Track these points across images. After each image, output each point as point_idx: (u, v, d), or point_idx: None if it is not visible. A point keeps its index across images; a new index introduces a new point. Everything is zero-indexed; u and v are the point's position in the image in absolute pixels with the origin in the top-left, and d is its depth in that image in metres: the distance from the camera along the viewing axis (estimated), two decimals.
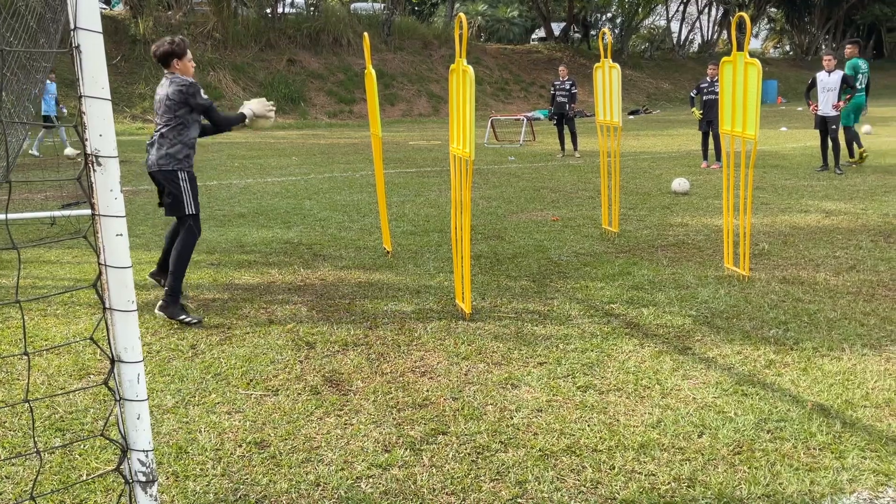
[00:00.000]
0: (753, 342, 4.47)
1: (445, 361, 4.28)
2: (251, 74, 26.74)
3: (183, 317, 4.98)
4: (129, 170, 13.29)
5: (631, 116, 27.66)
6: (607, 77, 7.21)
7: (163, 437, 3.41)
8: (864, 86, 12.08)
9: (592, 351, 4.39)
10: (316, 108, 26.19)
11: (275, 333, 4.78)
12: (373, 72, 6.44)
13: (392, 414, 3.62)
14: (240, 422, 3.56)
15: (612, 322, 4.90)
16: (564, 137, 15.44)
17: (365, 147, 17.64)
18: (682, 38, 42.09)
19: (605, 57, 7.18)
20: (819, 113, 11.62)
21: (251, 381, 4.04)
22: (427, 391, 3.88)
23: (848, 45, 12.86)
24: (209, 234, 7.78)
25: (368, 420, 3.55)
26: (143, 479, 2.12)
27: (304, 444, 3.32)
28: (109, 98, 1.94)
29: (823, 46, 44.28)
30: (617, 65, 7.07)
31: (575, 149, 15.15)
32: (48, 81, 15.84)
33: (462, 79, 4.72)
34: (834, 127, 11.47)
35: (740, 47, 5.48)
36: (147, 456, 2.11)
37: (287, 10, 30.32)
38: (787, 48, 50.12)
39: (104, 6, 30.74)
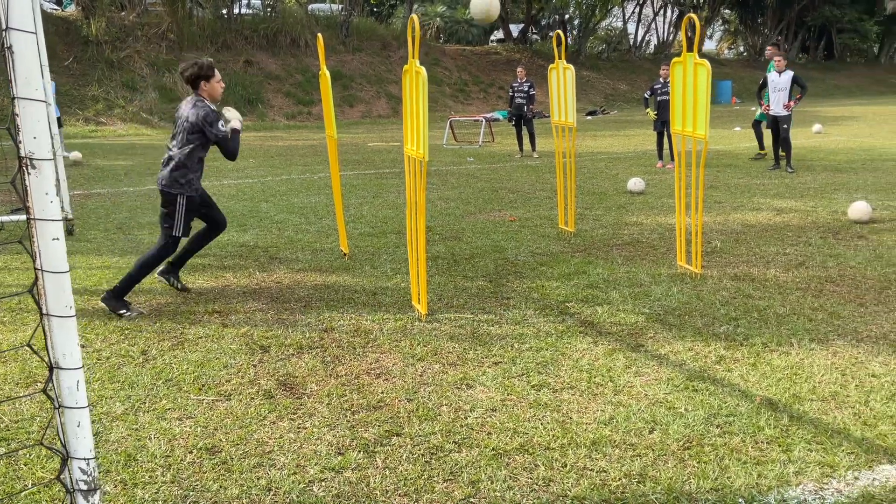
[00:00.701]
0: (704, 338, 4.54)
1: (401, 363, 4.27)
2: None
3: (123, 311, 5.12)
4: (81, 173, 13.04)
5: (589, 117, 27.90)
6: (561, 78, 7.26)
7: (111, 445, 3.35)
8: (758, 86, 12.76)
9: (547, 350, 4.42)
10: (274, 110, 25.94)
11: (228, 338, 4.73)
12: (327, 73, 6.40)
13: (346, 416, 3.60)
14: (191, 428, 3.51)
15: (566, 321, 4.94)
16: (523, 138, 15.51)
17: (323, 149, 17.52)
18: (639, 39, 42.61)
19: (560, 58, 7.23)
20: (770, 112, 11.84)
21: (203, 386, 3.98)
22: (382, 393, 3.86)
23: (769, 47, 13.29)
24: None
25: (322, 423, 3.53)
26: (84, 487, 2.08)
27: (256, 448, 3.29)
28: (44, 100, 1.89)
29: (778, 47, 45.12)
30: (571, 66, 7.12)
31: (533, 149, 15.23)
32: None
33: (415, 80, 4.72)
34: (785, 126, 11.71)
35: (690, 48, 5.56)
36: (88, 464, 2.07)
37: (243, 10, 30.01)
38: (741, 49, 51.04)
39: (55, 7, 30.11)
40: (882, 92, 40.96)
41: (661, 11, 42.03)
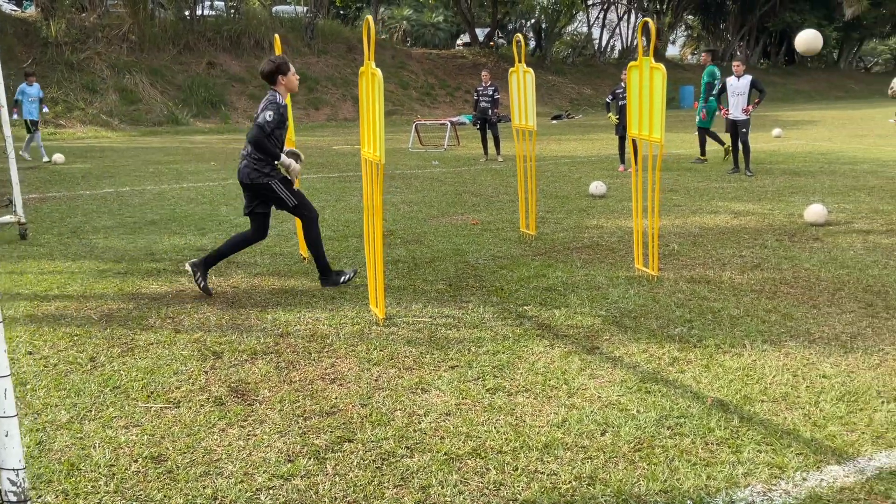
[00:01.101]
0: (659, 340, 4.56)
1: (356, 368, 4.23)
2: (169, 78, 26.07)
3: (342, 278, 5.78)
4: (37, 176, 12.79)
5: (554, 121, 28.05)
6: (522, 82, 7.28)
7: (54, 454, 3.27)
8: (718, 89, 13.12)
9: (504, 353, 4.41)
10: (237, 112, 25.70)
11: (180, 343, 4.64)
12: None
13: (298, 423, 3.55)
14: (137, 436, 3.43)
15: (524, 324, 4.93)
16: (488, 142, 15.54)
17: None
18: (604, 44, 42.99)
19: (520, 62, 7.25)
20: (729, 117, 12.00)
21: (152, 393, 3.91)
22: (336, 398, 3.82)
23: (703, 54, 13.63)
24: (117, 243, 7.53)
25: (273, 430, 3.47)
26: (13, 499, 2.01)
27: (203, 457, 3.23)
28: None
29: (738, 52, 45.80)
30: (531, 69, 7.14)
31: (498, 153, 15.26)
32: (27, 84, 15.22)
33: (371, 82, 4.68)
34: (744, 130, 11.87)
35: (647, 52, 5.60)
36: (18, 475, 2.01)
37: (206, 12, 29.69)
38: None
39: (15, 8, 29.54)
40: (840, 97, 41.80)
41: (626, 17, 42.46)
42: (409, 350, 4.48)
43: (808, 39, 7.62)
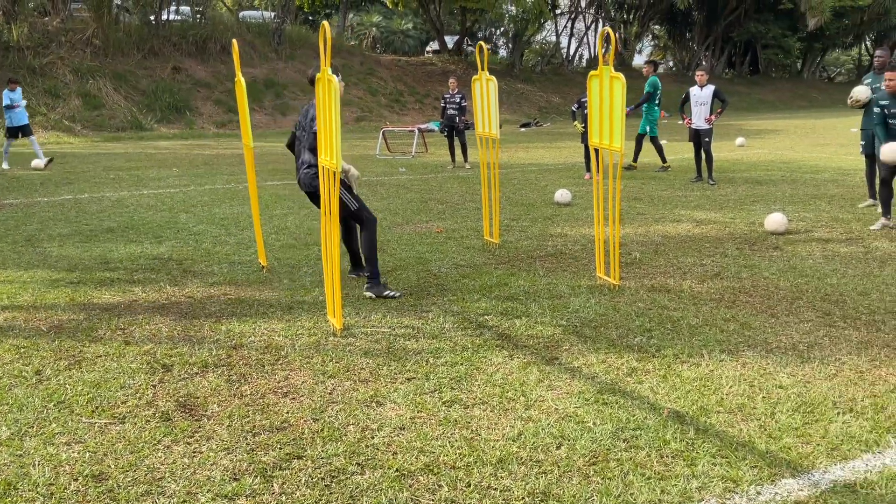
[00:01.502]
0: (618, 350, 4.53)
1: (311, 380, 4.13)
2: (133, 83, 25.69)
3: (387, 292, 5.73)
4: None
5: (522, 129, 28.13)
6: (485, 89, 7.24)
7: None
8: (658, 100, 13.76)
9: (462, 364, 4.35)
10: (203, 118, 25.38)
11: (130, 356, 4.52)
12: (242, 81, 6.23)
13: (246, 439, 3.45)
14: (79, 453, 3.31)
15: (484, 334, 4.88)
16: (455, 149, 15.51)
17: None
18: (572, 53, 43.26)
19: (482, 69, 7.21)
20: (692, 126, 12.09)
21: (97, 408, 3.78)
22: (287, 413, 3.72)
23: (644, 66, 13.91)
24: (72, 251, 7.35)
25: (220, 447, 3.37)
26: None
27: (146, 475, 3.12)
28: None
29: (703, 62, 46.42)
30: (493, 77, 7.10)
31: (465, 160, 15.24)
32: (9, 91, 14.91)
33: (327, 88, 4.61)
34: (707, 140, 11.96)
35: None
36: None
37: (172, 17, 29.33)
38: (671, 64, 52.29)
39: None
40: (804, 106, 42.47)
41: (593, 26, 42.78)
42: (366, 361, 4.40)
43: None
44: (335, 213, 4.80)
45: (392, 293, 5.76)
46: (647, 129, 13.94)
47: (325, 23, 4.55)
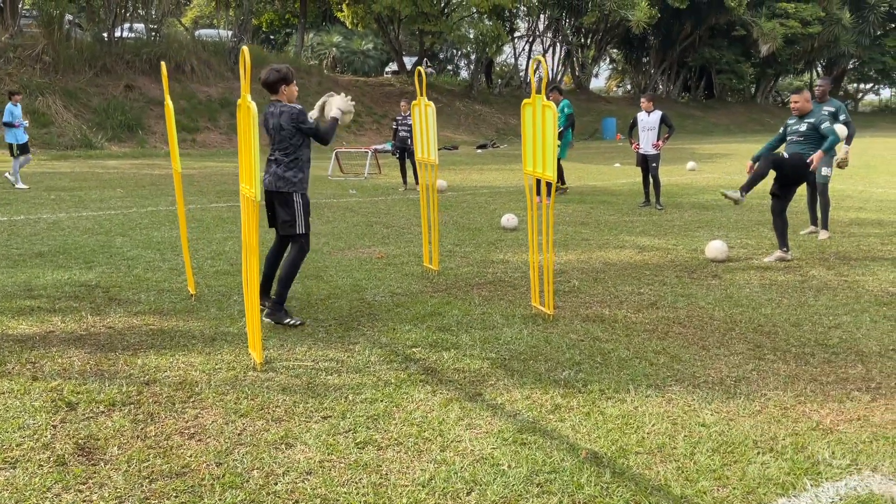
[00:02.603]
0: (544, 385, 4.43)
1: (221, 420, 3.96)
2: (84, 100, 25.23)
3: (287, 320, 5.53)
4: None
5: (479, 150, 28.20)
6: (423, 115, 7.16)
7: None
8: (571, 122, 13.54)
9: (382, 401, 4.20)
10: (155, 137, 24.99)
11: (35, 392, 4.29)
12: (171, 104, 6.07)
13: (142, 486, 3.26)
14: None
15: (409, 368, 4.74)
16: (406, 171, 15.44)
17: (201, 178, 16.95)
18: (529, 75, 43.61)
19: (421, 94, 7.13)
20: (640, 151, 12.15)
21: None
22: (190, 456, 3.54)
23: (551, 93, 13.98)
24: None
25: (112, 495, 3.18)
26: None
27: None
28: None
29: (660, 86, 47.15)
30: (431, 103, 7.02)
31: (416, 182, 15.15)
32: (12, 104, 14.38)
33: (246, 115, 4.47)
34: (654, 165, 12.02)
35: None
36: None
37: (126, 34, 28.92)
38: (629, 87, 53.04)
39: None
40: (757, 130, 43.29)
41: (551, 49, 43.23)
42: (283, 399, 4.23)
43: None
44: (254, 246, 4.64)
45: (293, 321, 5.57)
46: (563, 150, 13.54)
47: (245, 48, 4.41)
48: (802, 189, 9.06)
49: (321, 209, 11.96)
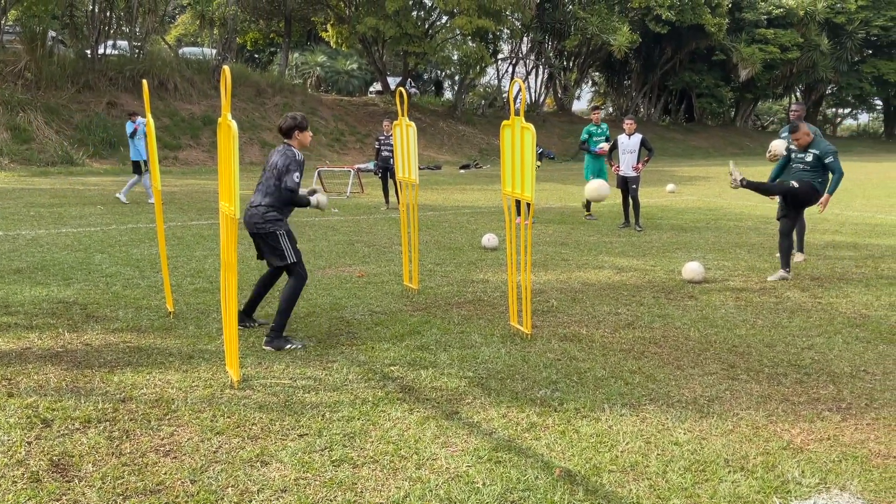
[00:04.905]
0: (520, 404, 4.46)
1: (196, 437, 3.95)
2: (66, 117, 25.11)
3: (288, 345, 5.48)
4: None
5: (462, 171, 28.32)
6: (405, 135, 7.22)
7: None
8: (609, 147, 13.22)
9: (359, 419, 4.22)
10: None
11: (10, 409, 4.27)
12: (151, 121, 6.09)
13: (116, 503, 3.26)
14: None
15: (387, 386, 4.76)
16: (389, 190, 15.51)
17: (182, 195, 16.91)
18: (509, 97, 43.89)
19: (402, 115, 7.20)
20: (620, 173, 12.28)
21: None
22: (165, 474, 3.54)
23: (594, 112, 14.13)
24: None
25: None
26: None
27: None
28: None
29: (641, 109, 47.63)
30: (413, 123, 7.09)
31: (398, 202, 15.20)
32: (131, 122, 14.96)
33: (226, 134, 4.50)
34: (634, 186, 12.15)
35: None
36: None
37: (109, 51, 28.86)
38: (610, 110, 53.54)
39: None
40: (736, 153, 43.74)
41: (534, 71, 43.63)
42: (259, 416, 4.24)
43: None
44: (232, 263, 4.66)
45: (293, 345, 5.53)
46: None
47: (226, 67, 4.46)
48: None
49: (303, 228, 11.97)
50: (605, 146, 12.89)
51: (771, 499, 3.37)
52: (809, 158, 8.00)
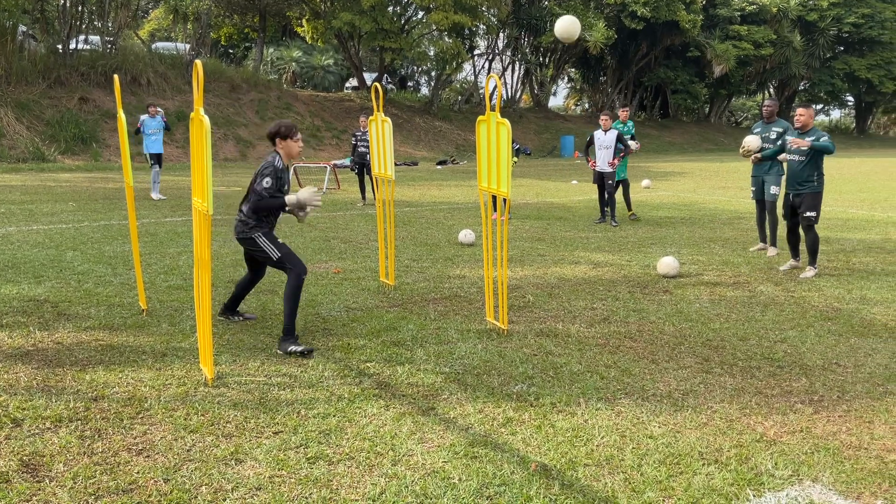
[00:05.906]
0: (497, 399, 4.47)
1: (170, 436, 3.91)
2: (37, 113, 24.76)
3: (292, 348, 5.30)
4: None
5: (439, 167, 28.30)
6: (380, 130, 7.19)
7: None
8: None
9: (334, 416, 4.20)
10: (110, 150, 24.59)
11: None
12: (123, 116, 6.01)
13: (88, 503, 3.21)
14: None
15: (363, 382, 4.74)
16: (365, 186, 15.46)
17: None
18: (484, 92, 43.93)
19: (378, 110, 7.17)
20: (596, 169, 12.33)
21: None
22: (137, 473, 3.50)
23: (623, 109, 14.12)
24: None
25: None
26: None
27: None
28: None
29: (617, 104, 47.87)
30: (389, 119, 7.07)
31: (375, 198, 15.15)
32: (149, 116, 15.08)
33: (198, 129, 4.45)
34: (610, 182, 12.20)
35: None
36: None
37: (81, 46, 28.47)
38: (587, 105, 53.75)
39: None
40: (710, 149, 44.17)
41: (510, 67, 43.67)
42: (234, 414, 4.20)
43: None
44: (206, 260, 4.61)
45: (294, 349, 5.33)
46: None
47: (198, 62, 4.41)
48: (751, 207, 9.27)
49: (278, 224, 11.87)
50: (635, 145, 13.11)
51: (744, 491, 3.40)
52: (806, 148, 8.00)
